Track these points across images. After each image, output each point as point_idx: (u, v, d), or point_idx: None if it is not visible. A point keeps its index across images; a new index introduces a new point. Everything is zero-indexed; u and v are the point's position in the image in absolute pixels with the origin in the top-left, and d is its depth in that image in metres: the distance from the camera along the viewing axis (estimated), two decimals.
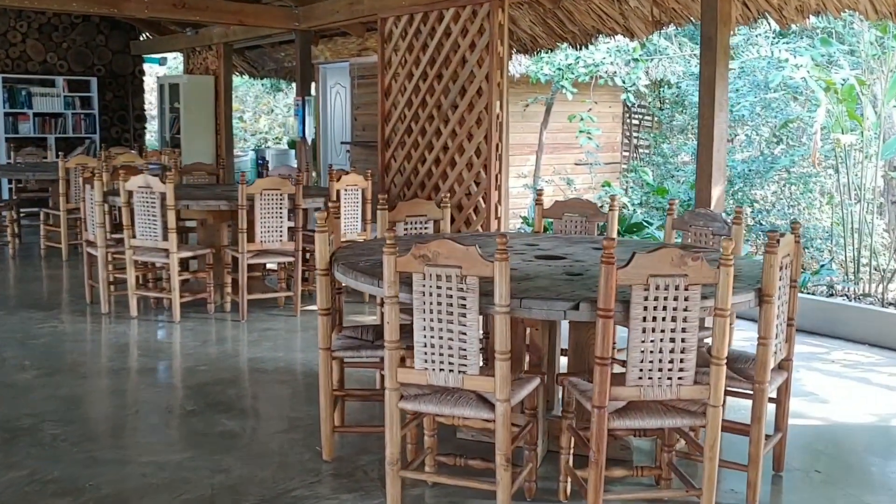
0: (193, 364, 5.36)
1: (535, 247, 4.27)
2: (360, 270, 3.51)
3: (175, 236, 6.26)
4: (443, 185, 7.39)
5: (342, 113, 12.81)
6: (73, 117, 13.26)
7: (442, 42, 7.36)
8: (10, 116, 12.77)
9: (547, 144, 11.29)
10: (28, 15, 12.94)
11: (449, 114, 7.32)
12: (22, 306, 6.94)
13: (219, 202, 6.37)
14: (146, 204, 6.31)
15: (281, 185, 6.36)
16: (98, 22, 13.54)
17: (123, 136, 14.04)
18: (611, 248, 2.93)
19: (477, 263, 3.03)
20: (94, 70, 13.61)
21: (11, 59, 12.91)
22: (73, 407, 4.56)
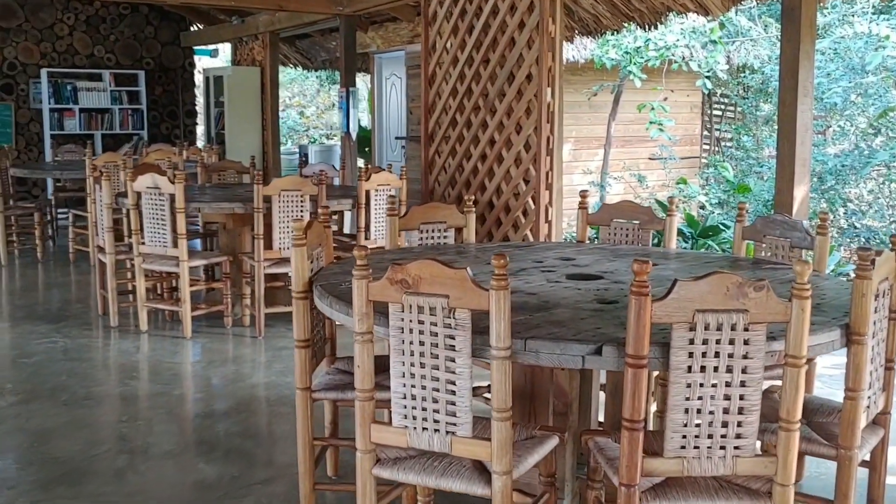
0: (191, 390, 4.67)
1: (570, 262, 3.45)
2: (335, 296, 2.74)
3: (185, 243, 5.59)
4: (489, 183, 6.57)
5: (397, 106, 12.09)
6: (120, 113, 12.82)
7: (489, 22, 6.54)
8: (56, 112, 12.39)
9: (616, 137, 10.36)
10: (75, 6, 12.55)
11: (496, 103, 6.50)
12: (29, 317, 6.39)
13: (233, 205, 5.67)
14: (155, 206, 5.65)
15: (301, 185, 5.62)
16: (147, 13, 13.09)
17: (174, 133, 13.58)
18: (643, 274, 2.13)
19: (469, 291, 2.26)
20: (143, 63, 13.16)
21: (58, 52, 12.53)
22: (38, 443, 3.91)
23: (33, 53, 12.35)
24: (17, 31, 12.22)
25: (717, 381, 2.20)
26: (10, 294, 7.42)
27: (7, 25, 12.15)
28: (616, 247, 3.93)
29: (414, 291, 2.30)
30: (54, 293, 7.29)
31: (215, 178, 7.53)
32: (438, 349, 2.31)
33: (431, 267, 2.28)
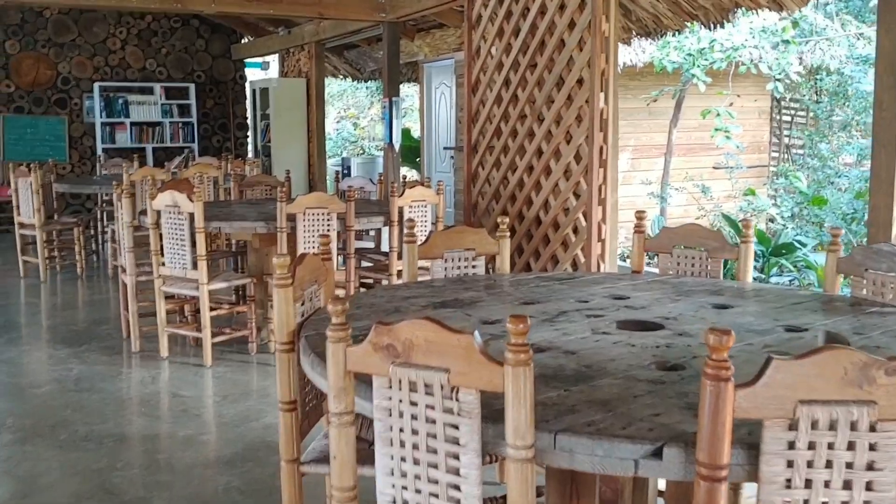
0: (198, 431, 4.27)
1: (623, 302, 2.91)
2: (318, 353, 2.25)
3: (205, 265, 5.23)
4: (535, 197, 6.08)
5: (446, 115, 11.68)
6: (170, 126, 12.67)
7: (536, 23, 6.07)
8: (108, 126, 12.29)
9: (678, 145, 9.75)
10: (127, 20, 12.44)
11: (543, 111, 6.01)
12: (52, 339, 6.12)
13: (255, 224, 5.28)
14: (174, 226, 5.30)
15: (327, 202, 5.21)
16: (198, 26, 12.93)
17: (225, 146, 13.39)
18: (722, 350, 1.54)
19: (476, 365, 1.71)
20: (194, 76, 13.00)
21: (111, 66, 12.44)
22: (20, 494, 3.55)
23: (86, 68, 12.28)
24: (70, 46, 12.17)
25: (831, 499, 1.57)
26: (40, 313, 7.19)
27: (61, 41, 12.11)
28: (679, 279, 3.37)
29: (405, 362, 1.78)
30: (84, 313, 7.03)
31: (249, 193, 7.18)
32: (437, 441, 1.77)
33: (427, 329, 1.75)
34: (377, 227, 5.62)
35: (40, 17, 11.94)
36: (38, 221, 8.17)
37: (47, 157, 11.88)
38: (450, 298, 2.94)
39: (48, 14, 11.96)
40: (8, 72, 11.86)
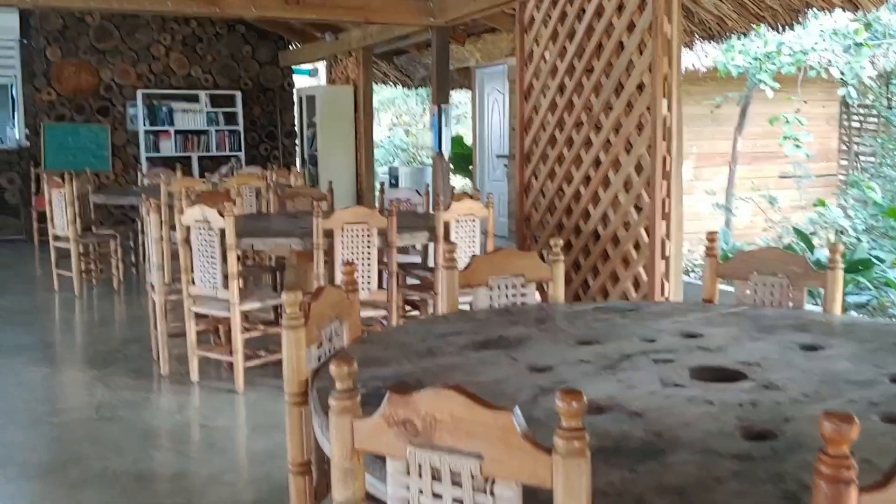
0: (221, 469, 3.90)
1: (696, 341, 2.47)
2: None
3: (236, 284, 4.87)
4: (593, 210, 5.64)
5: (499, 122, 11.27)
6: (216, 134, 12.44)
7: (592, 25, 5.64)
8: (151, 135, 12.09)
9: (743, 154, 9.20)
10: (172, 27, 12.25)
11: (601, 118, 5.56)
12: (77, 360, 5.83)
13: (289, 240, 4.90)
14: (204, 242, 4.96)
15: (367, 217, 4.82)
16: (244, 32, 12.69)
17: (272, 154, 13.13)
18: (841, 444, 1.14)
19: (517, 452, 1.29)
20: (241, 83, 12.76)
21: (155, 73, 12.25)
22: None
23: (129, 75, 12.11)
24: (113, 53, 12.00)
25: None
26: (70, 331, 6.92)
27: (103, 47, 11.95)
28: (758, 312, 2.90)
29: (426, 443, 1.37)
30: (115, 330, 6.73)
31: (291, 205, 6.83)
32: None
33: (454, 402, 1.33)
34: (422, 243, 5.21)
35: (82, 24, 11.79)
36: (72, 234, 7.93)
37: (89, 166, 11.70)
38: (493, 336, 2.53)
39: (90, 20, 11.80)
40: (49, 79, 11.72)
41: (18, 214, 11.77)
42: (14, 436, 4.36)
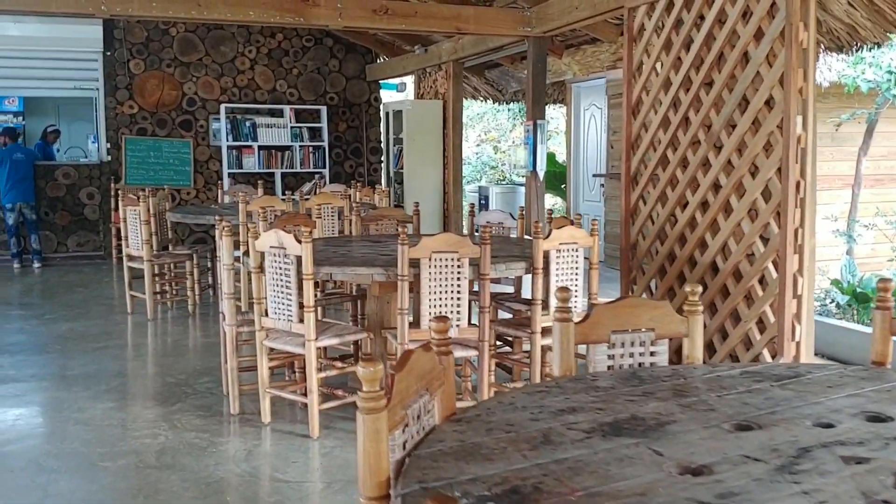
0: None
1: (885, 426, 1.85)
2: None
3: (313, 317, 4.37)
4: (711, 240, 4.98)
5: (596, 139, 10.64)
6: (300, 150, 12.09)
7: (713, 33, 5.02)
8: (234, 150, 11.81)
9: (867, 176, 8.37)
10: (257, 39, 11.98)
11: (722, 136, 4.92)
12: (143, 394, 5.42)
13: (371, 270, 4.38)
14: (279, 270, 4.48)
15: (458, 245, 4.26)
16: (331, 45, 12.35)
17: (357, 171, 12.74)
18: None
19: None
20: (326, 98, 12.41)
21: (239, 87, 11.99)
22: None
23: (213, 88, 11.88)
24: (197, 66, 11.79)
25: None
26: (140, 359, 6.54)
27: (188, 60, 11.74)
28: None
29: None
30: (186, 360, 6.32)
31: (374, 228, 6.34)
32: None
33: None
34: (519, 274, 4.63)
35: (166, 36, 11.60)
36: (145, 253, 7.60)
37: (171, 182, 11.50)
38: (624, 416, 1.95)
39: (174, 32, 11.61)
40: (132, 92, 11.55)
41: (98, 231, 11.62)
42: (66, 484, 3.94)
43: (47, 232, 11.37)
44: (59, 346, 6.77)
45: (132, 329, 7.51)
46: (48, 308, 8.34)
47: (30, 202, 10.77)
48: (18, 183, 10.65)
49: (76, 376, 5.83)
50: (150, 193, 7.75)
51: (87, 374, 5.86)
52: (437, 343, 1.92)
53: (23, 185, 10.69)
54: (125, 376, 5.92)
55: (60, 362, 6.30)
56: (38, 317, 7.94)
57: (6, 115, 14.58)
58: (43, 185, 11.32)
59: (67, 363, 6.23)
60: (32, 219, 10.83)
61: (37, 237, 10.89)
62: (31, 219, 10.81)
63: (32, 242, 10.89)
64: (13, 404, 5.26)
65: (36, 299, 8.88)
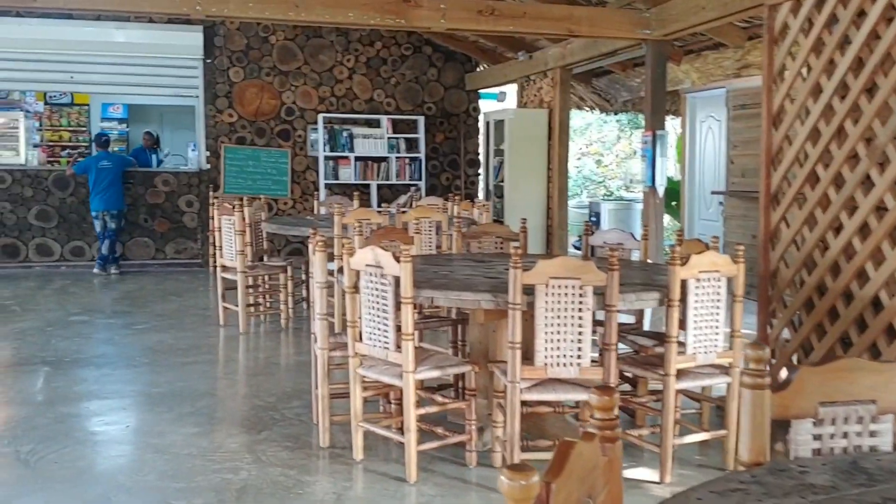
0: None
1: None
2: None
3: (412, 346, 3.89)
4: (874, 271, 4.29)
5: (714, 154, 9.93)
6: (396, 161, 11.71)
7: (877, 31, 4.34)
8: (331, 160, 11.51)
9: None
10: (356, 48, 11.68)
11: (889, 151, 4.23)
12: (229, 419, 5.03)
13: (479, 296, 3.86)
14: (375, 291, 4.01)
15: (581, 270, 3.70)
16: (430, 54, 11.96)
17: (454, 184, 12.29)
18: None
19: None
20: (424, 108, 12.02)
21: (336, 96, 11.70)
22: None
23: (311, 98, 11.61)
24: (296, 75, 11.54)
25: None
26: (229, 377, 6.19)
27: (286, 69, 11.51)
28: None
29: None
30: (276, 380, 5.92)
31: (475, 245, 5.83)
32: None
33: None
34: (651, 306, 4.05)
35: (266, 44, 11.39)
36: (239, 264, 7.29)
37: (268, 191, 11.28)
38: None
39: (274, 40, 11.39)
40: (231, 101, 11.37)
41: (196, 238, 11.47)
42: None
43: (146, 238, 11.28)
44: (146, 360, 6.49)
45: (223, 343, 7.20)
46: (139, 317, 8.12)
47: (112, 210, 10.66)
48: (103, 191, 10.56)
49: (161, 395, 5.49)
50: (246, 202, 7.44)
51: (172, 393, 5.52)
52: (601, 427, 1.38)
53: (107, 194, 10.59)
54: (212, 396, 5.55)
55: (146, 378, 6.00)
56: (128, 326, 7.71)
57: (111, 122, 14.71)
58: (142, 192, 11.25)
59: (154, 379, 5.92)
60: (112, 227, 10.73)
61: (111, 243, 10.77)
62: (111, 226, 10.72)
63: (102, 248, 10.79)
64: (91, 425, 4.95)
65: (128, 307, 8.69)
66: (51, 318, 8.03)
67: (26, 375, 6.02)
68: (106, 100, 14.51)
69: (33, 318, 8.01)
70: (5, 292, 9.40)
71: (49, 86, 12.05)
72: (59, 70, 11.06)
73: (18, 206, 10.99)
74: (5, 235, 10.97)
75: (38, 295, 9.33)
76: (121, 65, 11.12)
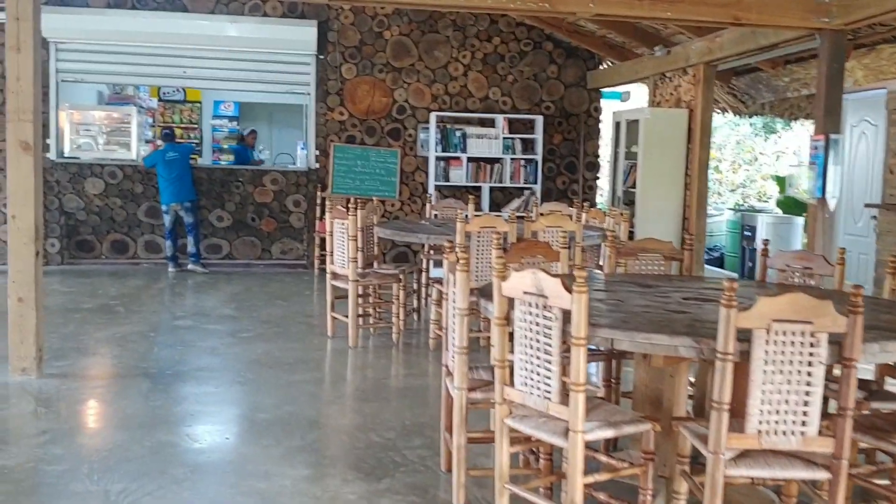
0: None
1: None
2: None
3: (582, 399, 3.12)
4: None
5: (867, 162, 8.86)
6: (511, 163, 10.96)
7: None
8: (442, 161, 10.83)
9: None
10: (472, 43, 10.98)
11: None
12: (343, 461, 4.34)
13: (675, 340, 3.06)
14: (535, 328, 3.26)
15: (814, 311, 2.85)
16: (551, 50, 11.17)
17: (570, 188, 11.48)
18: None
19: None
20: (542, 107, 11.23)
21: (450, 94, 11.02)
22: None
23: (424, 96, 10.97)
24: (409, 72, 10.92)
25: None
26: (338, 402, 5.53)
27: (400, 65, 10.90)
28: None
29: None
30: (392, 410, 5.24)
31: (631, 263, 5.02)
32: None
33: None
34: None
35: (380, 39, 10.80)
36: (351, 273, 6.67)
37: (376, 192, 10.70)
38: None
39: (388, 35, 10.78)
40: (342, 98, 10.81)
41: (302, 239, 10.97)
42: None
43: (252, 238, 10.86)
44: (252, 375, 5.92)
45: (331, 357, 6.61)
46: (245, 323, 7.60)
47: (185, 202, 10.28)
48: (171, 183, 10.20)
49: (267, 422, 4.88)
50: (359, 205, 6.83)
51: (279, 420, 4.91)
52: None
53: (176, 185, 10.22)
54: (323, 427, 4.91)
55: (251, 399, 5.41)
56: (234, 334, 7.19)
57: (222, 120, 14.50)
58: (251, 190, 10.83)
59: (259, 401, 5.32)
60: (190, 221, 10.35)
61: (194, 239, 10.40)
62: (188, 221, 10.35)
63: (189, 245, 10.44)
64: (190, 458, 4.34)
65: (233, 311, 8.18)
66: (154, 322, 7.58)
67: (126, 390, 5.52)
68: (217, 96, 14.27)
69: (137, 321, 7.58)
70: (112, 290, 9.05)
71: (161, 80, 11.78)
72: (171, 64, 10.72)
73: (129, 202, 10.70)
74: (115, 231, 10.71)
75: (143, 294, 8.94)
76: (233, 59, 10.73)
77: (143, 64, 10.65)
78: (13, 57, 5.41)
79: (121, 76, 11.15)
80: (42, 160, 5.70)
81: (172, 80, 11.30)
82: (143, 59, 10.59)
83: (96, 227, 10.67)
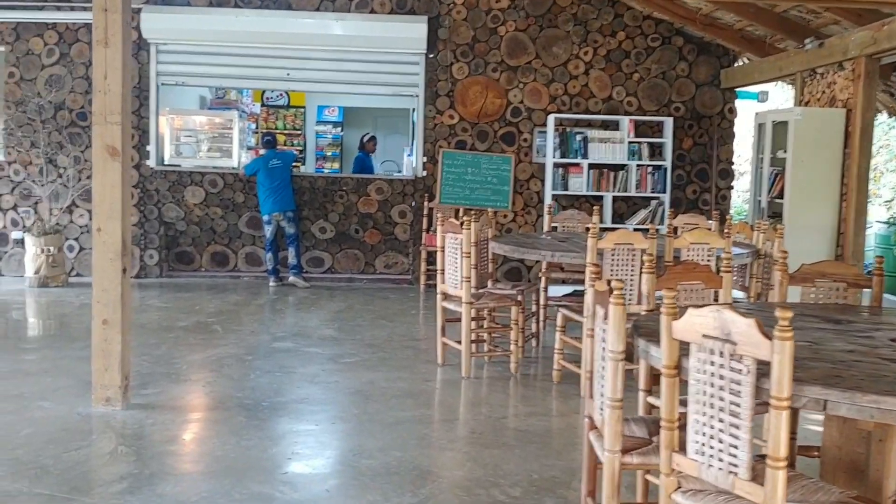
0: None
1: None
2: None
3: (783, 477, 2.33)
4: None
5: None
6: (637, 170, 10.07)
7: None
8: (560, 168, 10.03)
9: None
10: (595, 39, 10.16)
11: None
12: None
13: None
14: (718, 382, 2.49)
15: None
16: (681, 45, 10.24)
17: (701, 198, 10.50)
18: None
19: None
20: (671, 108, 10.32)
21: (570, 95, 10.22)
22: None
23: (541, 97, 10.21)
24: (525, 70, 10.18)
25: None
26: (453, 445, 4.79)
27: (515, 64, 10.17)
28: None
29: None
30: (516, 459, 4.49)
31: (806, 291, 4.14)
32: None
33: None
34: None
35: (494, 35, 10.08)
36: (465, 294, 5.98)
37: (487, 202, 10.00)
38: None
39: (503, 31, 10.06)
40: (453, 100, 10.14)
41: (407, 253, 10.35)
42: None
43: (356, 251, 10.31)
44: (356, 410, 5.29)
45: (442, 390, 5.92)
46: (348, 347, 7.00)
47: (288, 212, 9.83)
48: (273, 192, 9.74)
49: (373, 471, 4.22)
50: (472, 217, 6.13)
51: (386, 468, 4.25)
52: None
53: (278, 194, 9.77)
54: (436, 480, 4.20)
55: (355, 440, 4.77)
56: (336, 359, 6.59)
57: (326, 126, 14.13)
58: (355, 200, 10.28)
59: (363, 443, 4.67)
60: (292, 232, 9.88)
61: (296, 251, 9.91)
62: (289, 232, 9.88)
63: (290, 257, 9.95)
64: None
65: (335, 332, 7.60)
66: (252, 344, 7.06)
67: (217, 426, 4.97)
68: (321, 101, 13.88)
69: (234, 341, 7.08)
70: (210, 306, 8.61)
71: (264, 83, 11.40)
72: (275, 66, 10.28)
73: (229, 211, 10.30)
74: (215, 242, 10.32)
75: (242, 312, 8.46)
76: (338, 60, 10.21)
77: (245, 66, 10.25)
78: (101, 52, 4.93)
79: (222, 79, 10.75)
80: (129, 167, 5.19)
81: (275, 82, 10.89)
82: (245, 61, 10.18)
83: (196, 239, 10.30)
